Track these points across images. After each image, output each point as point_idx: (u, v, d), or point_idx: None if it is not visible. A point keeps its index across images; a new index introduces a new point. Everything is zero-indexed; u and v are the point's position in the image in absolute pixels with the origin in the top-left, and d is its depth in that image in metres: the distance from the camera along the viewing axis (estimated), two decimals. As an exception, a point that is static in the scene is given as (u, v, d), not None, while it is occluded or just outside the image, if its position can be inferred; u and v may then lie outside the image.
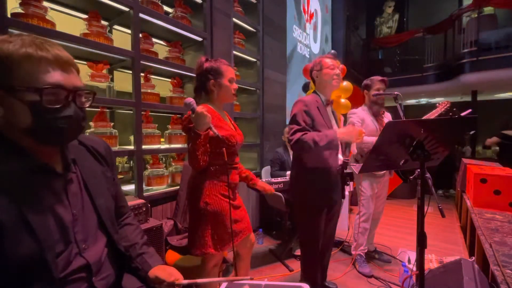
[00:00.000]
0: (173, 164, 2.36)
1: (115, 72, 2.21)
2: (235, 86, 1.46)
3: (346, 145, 1.85)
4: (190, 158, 1.28)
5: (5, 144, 0.64)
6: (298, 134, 1.50)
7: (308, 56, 4.60)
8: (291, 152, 2.89)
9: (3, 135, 0.64)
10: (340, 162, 1.70)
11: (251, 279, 0.83)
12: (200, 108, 1.20)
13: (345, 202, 2.96)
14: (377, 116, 2.29)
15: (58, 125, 0.64)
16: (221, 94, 1.43)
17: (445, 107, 2.16)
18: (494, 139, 4.10)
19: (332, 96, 1.82)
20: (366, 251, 2.36)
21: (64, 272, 0.66)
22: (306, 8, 4.54)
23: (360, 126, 2.21)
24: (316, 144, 1.45)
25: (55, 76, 0.63)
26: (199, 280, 0.85)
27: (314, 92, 1.74)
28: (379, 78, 2.29)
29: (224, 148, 1.31)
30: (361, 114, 2.28)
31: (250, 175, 1.64)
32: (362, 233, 2.30)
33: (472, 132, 5.37)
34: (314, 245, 1.69)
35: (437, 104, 2.21)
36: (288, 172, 2.68)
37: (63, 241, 0.67)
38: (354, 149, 2.25)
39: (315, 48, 4.97)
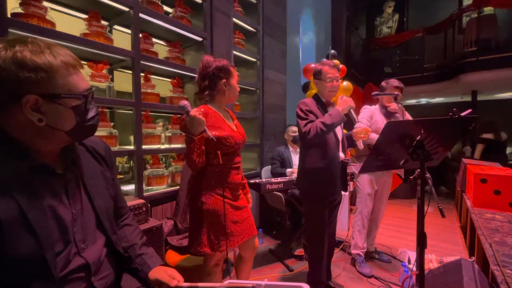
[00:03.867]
0: (173, 164, 2.36)
1: (115, 72, 2.20)
2: (238, 87, 1.51)
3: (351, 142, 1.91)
4: (186, 160, 1.29)
5: (6, 144, 0.64)
6: (309, 125, 1.65)
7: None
8: (292, 150, 2.92)
9: (4, 134, 0.64)
10: (341, 158, 1.77)
11: (253, 286, 0.82)
12: (194, 111, 1.19)
13: (345, 203, 2.96)
14: (388, 118, 2.27)
15: (93, 123, 0.72)
16: (229, 94, 1.45)
17: None
18: (480, 147, 4.16)
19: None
20: (365, 251, 2.36)
21: (63, 271, 0.66)
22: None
23: (368, 121, 2.22)
24: (324, 124, 1.58)
25: (83, 79, 0.69)
26: (200, 284, 0.85)
27: (315, 94, 1.83)
28: (396, 83, 2.18)
29: (219, 151, 1.31)
30: (371, 109, 2.28)
31: (248, 197, 1.63)
32: (359, 231, 2.29)
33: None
34: (321, 234, 1.76)
35: None
36: (289, 170, 2.72)
37: (62, 240, 0.67)
38: (360, 145, 2.25)
39: (313, 47, 4.96)
